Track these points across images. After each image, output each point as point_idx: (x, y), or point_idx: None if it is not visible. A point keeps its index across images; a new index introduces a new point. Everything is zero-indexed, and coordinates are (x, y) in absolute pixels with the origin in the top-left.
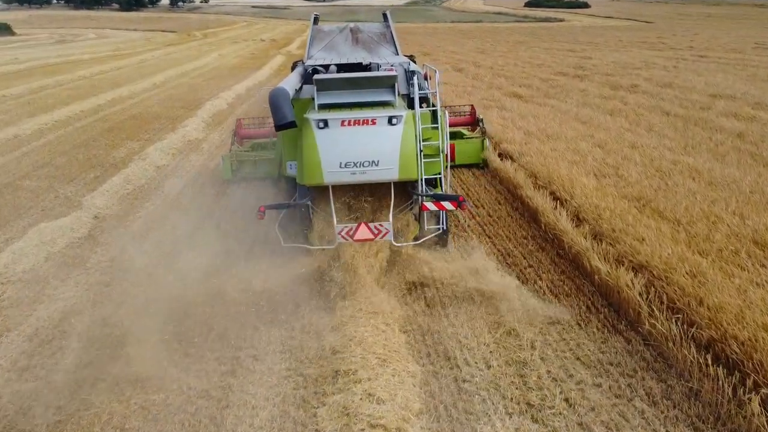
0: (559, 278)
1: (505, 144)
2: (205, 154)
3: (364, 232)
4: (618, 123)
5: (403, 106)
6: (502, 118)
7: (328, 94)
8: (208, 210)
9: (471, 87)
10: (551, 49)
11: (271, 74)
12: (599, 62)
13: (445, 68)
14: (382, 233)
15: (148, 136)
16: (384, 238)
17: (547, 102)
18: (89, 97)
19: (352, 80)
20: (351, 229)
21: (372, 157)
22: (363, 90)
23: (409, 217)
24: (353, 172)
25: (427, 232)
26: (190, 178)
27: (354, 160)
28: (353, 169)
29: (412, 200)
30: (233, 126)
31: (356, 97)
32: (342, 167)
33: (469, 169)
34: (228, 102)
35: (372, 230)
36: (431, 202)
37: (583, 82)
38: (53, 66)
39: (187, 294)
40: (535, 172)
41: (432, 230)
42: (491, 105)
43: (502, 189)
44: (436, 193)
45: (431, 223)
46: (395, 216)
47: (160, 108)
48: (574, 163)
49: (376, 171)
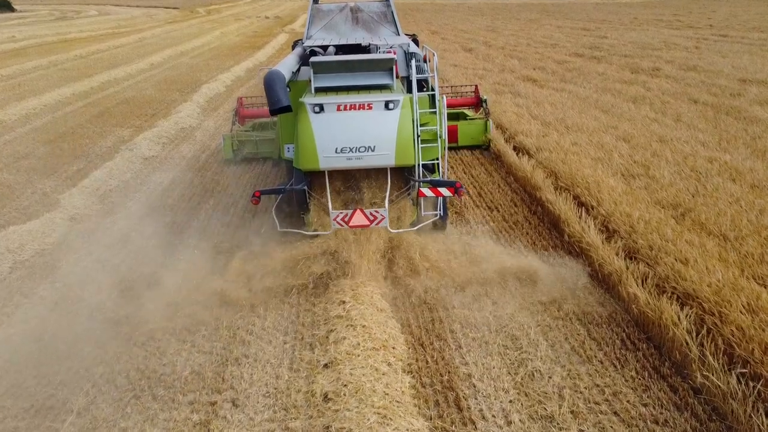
0: (586, 301)
1: (520, 136)
2: (198, 143)
3: (360, 218)
4: (642, 112)
5: (401, 89)
6: (516, 106)
7: (324, 77)
8: (193, 214)
9: (482, 70)
10: (564, 27)
11: (272, 54)
12: (616, 42)
13: (454, 48)
14: (377, 219)
15: (140, 122)
16: (380, 225)
17: (564, 87)
18: (82, 79)
19: (350, 63)
20: (346, 215)
21: (368, 143)
22: (361, 73)
23: (406, 202)
24: (349, 157)
25: (425, 218)
26: (179, 172)
27: (350, 145)
28: (349, 155)
29: (409, 186)
30: (234, 106)
31: (354, 80)
32: (338, 152)
33: (480, 163)
34: (226, 85)
35: (368, 216)
36: (428, 188)
37: (600, 64)
38: (49, 45)
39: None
40: (555, 171)
41: (429, 216)
42: (504, 90)
43: (518, 188)
44: (434, 178)
45: (429, 209)
46: (392, 202)
47: (154, 91)
48: (599, 160)
49: (373, 156)
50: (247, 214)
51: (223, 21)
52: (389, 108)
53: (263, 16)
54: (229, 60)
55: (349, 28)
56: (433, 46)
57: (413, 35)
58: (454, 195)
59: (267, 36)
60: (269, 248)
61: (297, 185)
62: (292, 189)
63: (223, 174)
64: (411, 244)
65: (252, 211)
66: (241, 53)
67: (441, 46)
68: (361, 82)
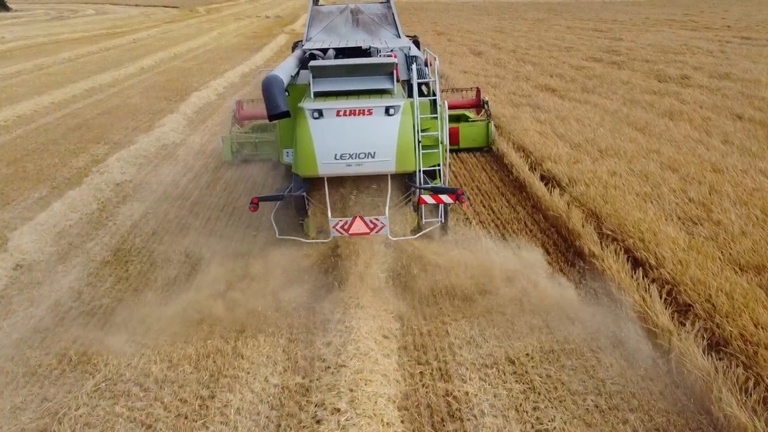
0: (666, 420)
1: (548, 163)
2: (179, 164)
3: (360, 225)
4: (683, 130)
5: (402, 93)
6: (537, 122)
7: (324, 81)
8: (163, 262)
9: (495, 77)
10: (574, 28)
11: (270, 56)
12: (633, 45)
13: (462, 51)
14: (378, 227)
15: (119, 137)
16: (380, 233)
17: (587, 98)
18: (66, 85)
19: (350, 67)
20: (346, 222)
21: (368, 149)
22: (361, 77)
23: (407, 208)
24: (349, 163)
25: (426, 225)
26: (154, 202)
27: (350, 151)
28: (349, 161)
29: (410, 192)
30: (230, 112)
31: (353, 84)
32: (337, 159)
33: (500, 192)
34: (218, 92)
35: (367, 224)
36: (429, 195)
37: (622, 70)
38: (39, 46)
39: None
40: (596, 212)
41: (431, 223)
42: (521, 102)
43: (549, 230)
44: (435, 185)
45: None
46: (392, 208)
47: (140, 99)
48: (647, 197)
49: (373, 163)
50: (237, 261)
51: (223, 21)
52: (390, 113)
53: (264, 15)
54: (224, 64)
55: (350, 29)
56: (439, 48)
57: (414, 37)
58: (456, 202)
59: (266, 37)
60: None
61: (296, 191)
62: (290, 195)
63: (204, 205)
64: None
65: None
66: (237, 56)
67: (448, 49)
68: (361, 86)
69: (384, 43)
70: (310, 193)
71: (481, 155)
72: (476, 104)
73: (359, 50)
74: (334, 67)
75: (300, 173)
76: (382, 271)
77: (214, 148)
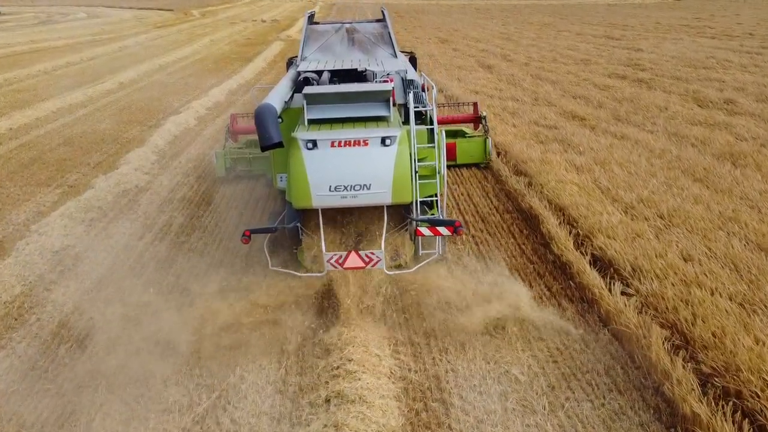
0: None
1: (600, 237)
2: (140, 219)
3: (355, 260)
4: (755, 183)
5: (398, 120)
6: (573, 168)
7: (318, 108)
8: (92, 392)
9: (511, 99)
10: (585, 35)
11: (262, 69)
12: (656, 57)
13: (470, 65)
14: (373, 261)
15: (75, 178)
16: (375, 267)
17: (624, 130)
18: (32, 105)
19: (345, 94)
20: (340, 257)
21: (363, 181)
22: (356, 104)
23: (403, 238)
24: (344, 195)
25: (422, 258)
26: (91, 286)
27: (344, 183)
28: (344, 193)
29: (406, 223)
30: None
31: (349, 111)
32: (332, 190)
33: (538, 275)
34: (198, 115)
35: (363, 258)
36: (426, 227)
37: (653, 91)
38: (16, 56)
39: None
40: (685, 332)
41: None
42: (547, 136)
43: (623, 358)
44: (432, 217)
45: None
46: (388, 240)
47: (111, 124)
48: (747, 304)
49: (368, 195)
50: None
51: (217, 25)
52: (386, 144)
53: (260, 19)
54: (211, 77)
55: (345, 49)
56: (445, 60)
57: (411, 53)
58: (453, 234)
59: (260, 44)
60: None
61: (289, 220)
62: (283, 227)
63: (162, 286)
64: None
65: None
66: (227, 67)
67: (454, 62)
68: (356, 113)
69: (380, 64)
70: (304, 222)
71: (506, 212)
72: (474, 119)
73: (355, 73)
74: (329, 94)
75: (293, 204)
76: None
77: (183, 196)
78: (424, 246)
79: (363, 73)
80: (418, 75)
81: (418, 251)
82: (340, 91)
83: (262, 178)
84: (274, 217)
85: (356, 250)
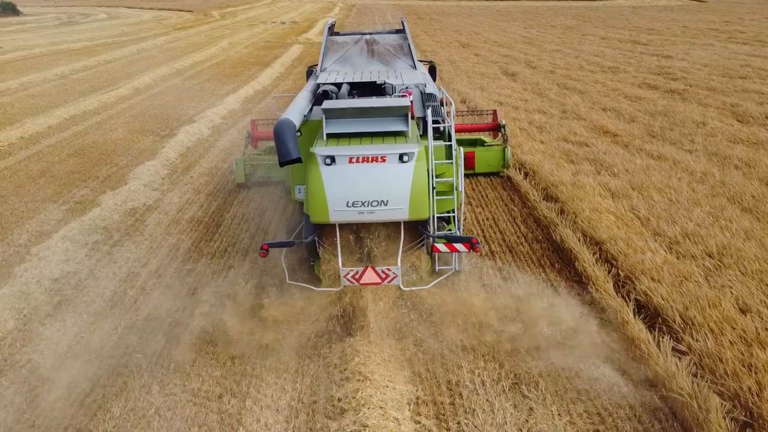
0: None
1: (643, 280)
2: (145, 243)
3: (371, 275)
4: None
5: (416, 135)
6: (608, 193)
7: (337, 123)
8: None
9: (538, 112)
10: (610, 39)
11: (281, 73)
12: (687, 65)
13: (493, 72)
14: (390, 277)
15: (83, 193)
16: (392, 283)
17: (660, 149)
18: (46, 112)
19: (363, 109)
20: (357, 272)
21: (381, 197)
22: (374, 118)
23: (420, 253)
24: (361, 211)
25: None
26: (92, 318)
27: (362, 198)
28: (361, 209)
29: (422, 238)
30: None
31: (367, 125)
32: (349, 206)
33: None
34: (213, 125)
35: (379, 274)
36: (443, 244)
37: (687, 103)
38: (35, 59)
39: None
40: (750, 407)
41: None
42: (579, 156)
43: (670, 424)
44: (448, 233)
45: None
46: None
47: (123, 133)
48: None
49: (386, 211)
50: None
51: (236, 27)
52: (403, 160)
53: (279, 21)
54: (228, 83)
55: (365, 60)
56: (467, 67)
57: (430, 62)
58: (470, 251)
59: (278, 48)
60: None
61: (306, 233)
62: (301, 242)
63: (173, 326)
64: None
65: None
66: (244, 72)
67: (477, 69)
68: (375, 128)
69: (399, 77)
70: (322, 236)
71: (535, 241)
72: (493, 127)
73: (374, 85)
74: (348, 109)
75: (311, 218)
76: None
77: (192, 216)
78: (440, 261)
79: (382, 86)
80: (437, 88)
81: (434, 267)
82: (359, 106)
83: (276, 197)
84: (291, 231)
85: (373, 266)
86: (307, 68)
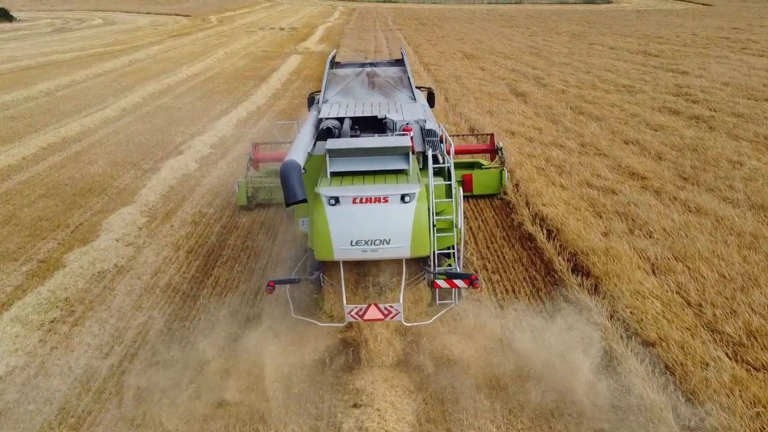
0: None
1: (712, 409)
2: (112, 320)
3: (374, 312)
4: None
5: (416, 173)
6: (648, 265)
7: (340, 161)
8: None
9: (554, 145)
10: (620, 50)
11: (278, 90)
12: (706, 83)
13: (501, 91)
14: (392, 314)
15: (46, 249)
16: (394, 319)
17: (696, 199)
18: (22, 139)
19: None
20: (360, 309)
21: (384, 236)
22: (376, 157)
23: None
24: (364, 249)
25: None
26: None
27: (365, 237)
28: (364, 247)
29: (423, 273)
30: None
31: (369, 164)
32: (353, 245)
33: None
34: (201, 156)
35: (382, 311)
36: (443, 279)
37: (715, 133)
38: (20, 72)
39: None
40: None
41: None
42: (607, 209)
43: None
44: (449, 269)
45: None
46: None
47: (103, 166)
48: None
49: (388, 249)
50: None
51: (233, 34)
52: (405, 201)
53: (278, 27)
54: (220, 101)
55: (366, 92)
56: (473, 84)
57: (428, 89)
58: (470, 287)
59: (276, 58)
60: None
61: (311, 269)
62: (306, 279)
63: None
64: None
65: None
66: (239, 88)
67: (484, 87)
68: (376, 166)
69: (399, 111)
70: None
71: (567, 329)
72: (490, 150)
73: (375, 120)
74: (351, 149)
75: (316, 256)
76: None
77: (167, 282)
78: (441, 296)
79: (383, 120)
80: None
81: (435, 301)
82: (362, 147)
83: (264, 260)
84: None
85: (376, 304)
86: (308, 95)
